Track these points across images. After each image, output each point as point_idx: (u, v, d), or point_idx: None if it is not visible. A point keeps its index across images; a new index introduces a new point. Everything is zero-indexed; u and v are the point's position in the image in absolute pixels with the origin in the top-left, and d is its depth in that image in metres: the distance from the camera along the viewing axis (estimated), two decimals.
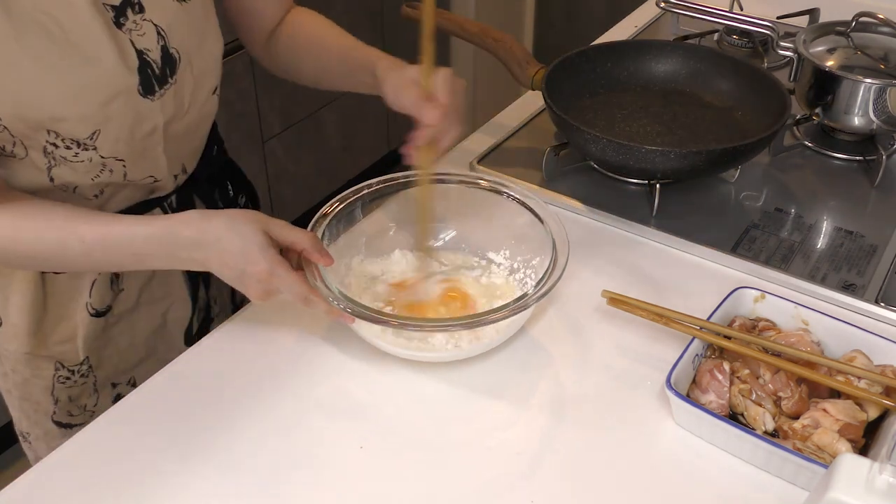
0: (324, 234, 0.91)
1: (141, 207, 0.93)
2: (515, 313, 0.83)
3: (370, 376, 0.88)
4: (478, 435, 0.82)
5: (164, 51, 0.84)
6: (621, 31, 1.54)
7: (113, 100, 0.81)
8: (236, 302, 1.11)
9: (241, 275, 0.81)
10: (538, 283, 0.86)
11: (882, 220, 1.08)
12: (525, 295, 0.85)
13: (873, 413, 0.79)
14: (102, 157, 0.84)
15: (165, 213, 0.95)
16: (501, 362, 0.89)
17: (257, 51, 1.05)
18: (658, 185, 1.07)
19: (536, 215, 0.94)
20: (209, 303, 1.05)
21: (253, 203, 1.12)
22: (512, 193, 0.97)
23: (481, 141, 1.23)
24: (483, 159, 1.19)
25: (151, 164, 0.90)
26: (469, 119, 3.27)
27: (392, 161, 2.79)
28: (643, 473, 0.78)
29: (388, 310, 0.91)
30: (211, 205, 1.01)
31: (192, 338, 1.04)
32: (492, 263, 0.99)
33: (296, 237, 0.84)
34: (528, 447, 0.80)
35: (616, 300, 0.89)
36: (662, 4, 1.34)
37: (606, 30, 1.55)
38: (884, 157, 1.14)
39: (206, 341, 0.91)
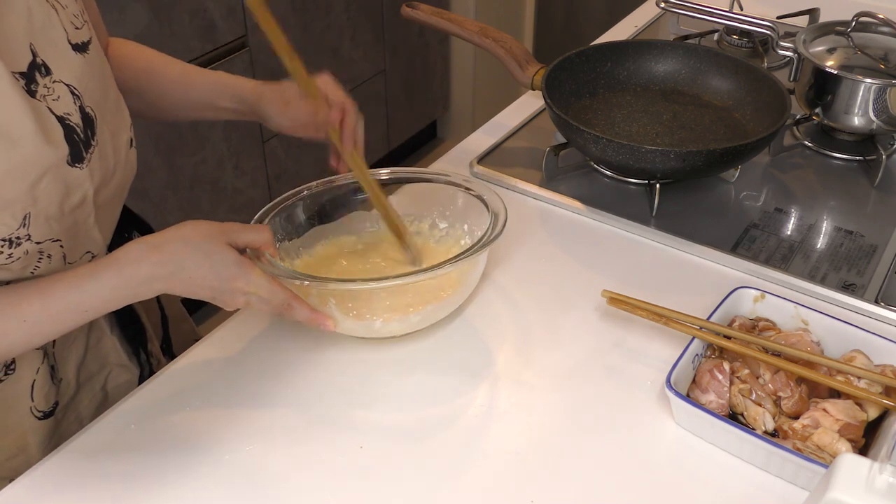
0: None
1: None
2: (459, 261, 0.84)
3: (370, 376, 0.88)
4: (478, 435, 0.82)
5: (82, 111, 0.77)
6: (621, 31, 1.54)
7: (42, 178, 0.73)
8: (170, 348, 1.04)
9: (217, 292, 0.78)
10: (481, 238, 0.88)
11: (882, 220, 1.08)
12: (471, 246, 0.87)
13: (873, 413, 0.79)
14: (38, 244, 0.76)
15: None
16: (500, 361, 0.90)
17: None
18: (658, 185, 1.07)
19: (475, 194, 0.96)
20: (149, 360, 0.97)
21: (141, 231, 1.00)
22: (447, 178, 0.99)
23: (481, 141, 1.24)
24: (483, 159, 1.19)
25: (86, 238, 0.82)
26: (469, 119, 3.27)
27: (392, 161, 2.79)
28: (643, 473, 0.78)
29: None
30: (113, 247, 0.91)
31: None
32: (435, 227, 1.01)
33: (252, 237, 0.82)
34: (528, 447, 0.80)
35: (616, 300, 0.89)
36: (662, 4, 1.34)
37: (606, 30, 1.55)
38: (884, 157, 1.14)
39: (204, 343, 0.91)
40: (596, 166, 1.17)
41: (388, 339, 0.90)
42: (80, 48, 0.79)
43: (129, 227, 0.98)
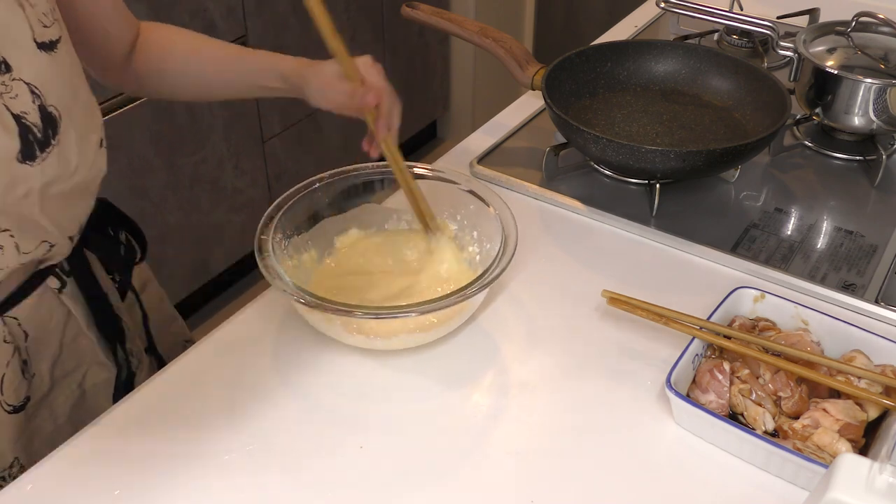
0: (277, 230, 0.92)
1: (33, 282, 0.84)
2: (467, 298, 0.84)
3: (370, 375, 0.88)
4: (478, 435, 0.82)
5: (43, 111, 0.76)
6: (621, 31, 1.54)
7: None
8: (154, 348, 1.03)
9: None
10: (487, 269, 0.87)
11: (882, 220, 1.08)
12: (481, 276, 0.86)
13: (873, 413, 0.79)
14: None
15: (60, 279, 0.86)
16: (500, 361, 0.90)
17: (113, 78, 0.98)
18: (658, 185, 1.07)
19: (484, 201, 0.96)
20: (127, 358, 0.96)
21: (136, 237, 1.01)
22: (459, 183, 0.99)
23: (481, 141, 1.24)
24: (483, 159, 1.19)
25: (36, 228, 0.80)
26: (469, 119, 3.28)
27: None
28: (643, 473, 0.78)
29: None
30: (103, 252, 0.93)
31: (121, 398, 0.91)
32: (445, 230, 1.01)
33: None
34: (528, 447, 0.80)
35: (616, 300, 0.89)
36: (662, 4, 1.34)
37: (606, 30, 1.55)
38: (884, 157, 1.14)
39: (204, 343, 0.91)
40: (596, 166, 1.17)
41: None
42: (47, 47, 0.77)
43: (116, 225, 0.98)
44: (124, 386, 0.93)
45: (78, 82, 0.82)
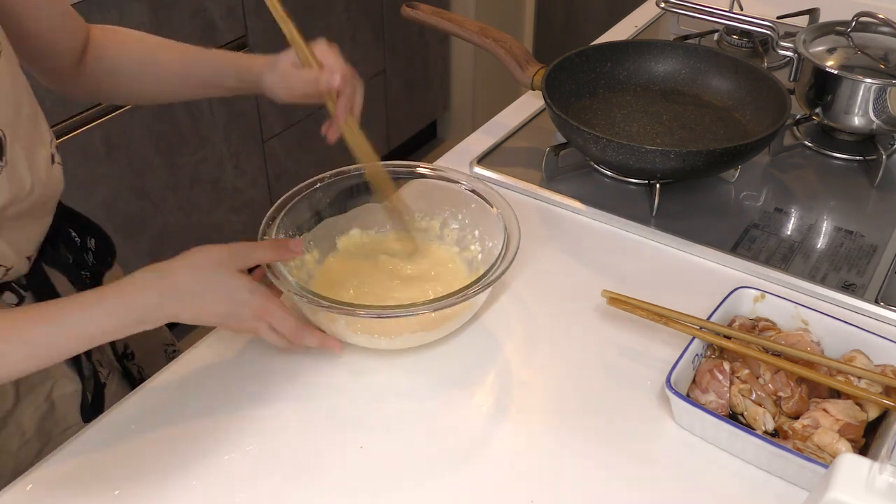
0: (278, 230, 0.92)
1: None
2: (472, 297, 0.84)
3: (370, 375, 0.88)
4: (478, 435, 0.82)
5: None
6: (621, 31, 1.54)
7: None
8: (120, 353, 1.00)
9: (226, 318, 0.79)
10: (490, 269, 0.87)
11: (882, 220, 1.08)
12: (484, 275, 0.86)
13: (873, 413, 0.79)
14: None
15: (17, 294, 0.83)
16: (499, 361, 0.90)
17: (66, 86, 0.94)
18: (658, 185, 1.07)
19: (487, 201, 0.96)
20: (95, 369, 0.92)
21: (103, 242, 0.98)
22: (461, 182, 0.99)
23: (481, 141, 1.23)
24: (483, 159, 1.19)
25: None
26: (469, 119, 3.27)
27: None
28: (643, 473, 0.78)
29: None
30: (62, 264, 0.89)
31: (88, 410, 0.90)
32: (446, 227, 1.01)
33: (260, 256, 0.83)
34: (527, 447, 0.80)
35: (616, 300, 0.89)
36: (662, 4, 1.34)
37: (606, 30, 1.55)
38: (884, 157, 1.14)
39: (204, 344, 0.91)
40: (596, 166, 1.17)
41: None
42: None
43: (83, 232, 0.96)
44: (93, 398, 0.91)
45: (21, 96, 0.79)
